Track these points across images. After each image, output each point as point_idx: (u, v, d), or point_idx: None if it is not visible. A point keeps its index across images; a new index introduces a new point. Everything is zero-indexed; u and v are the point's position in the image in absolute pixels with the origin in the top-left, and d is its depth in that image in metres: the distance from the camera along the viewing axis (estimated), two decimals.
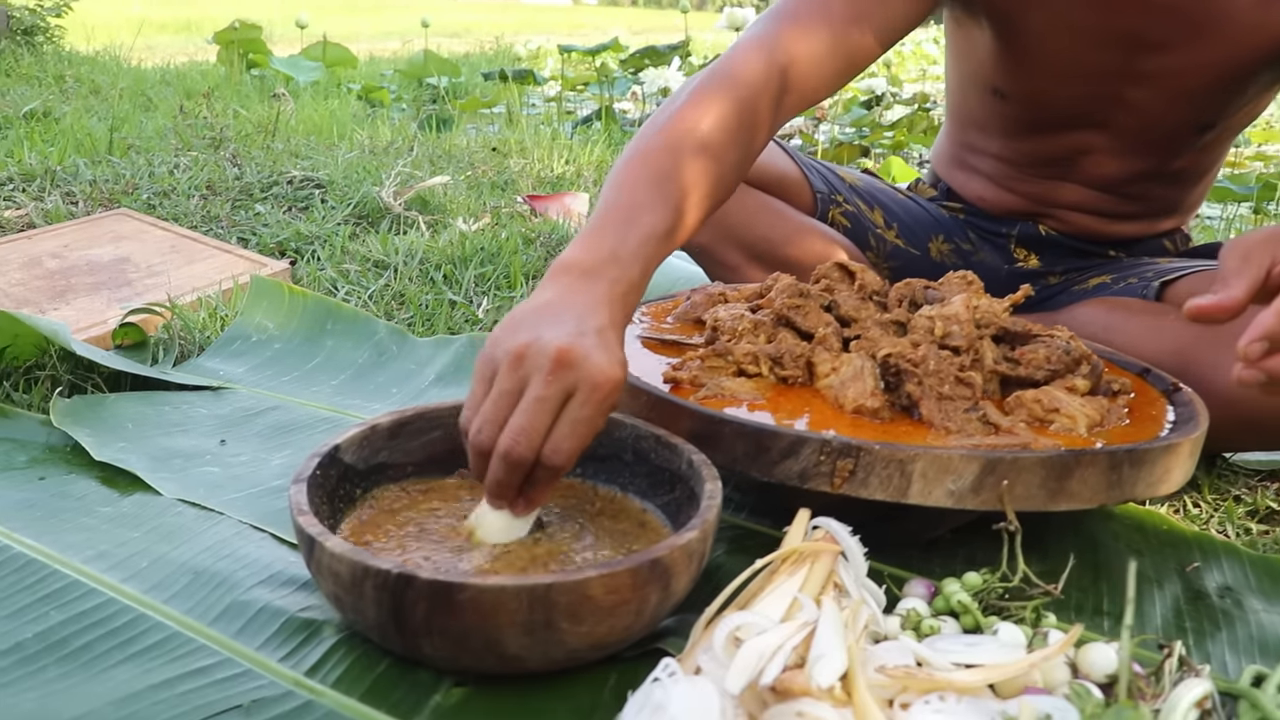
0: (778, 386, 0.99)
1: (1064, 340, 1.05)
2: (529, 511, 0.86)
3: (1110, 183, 1.42)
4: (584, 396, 0.81)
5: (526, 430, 0.80)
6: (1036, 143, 1.42)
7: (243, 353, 1.45)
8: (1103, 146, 1.38)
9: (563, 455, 0.81)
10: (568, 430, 0.81)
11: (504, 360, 0.82)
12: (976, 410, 0.94)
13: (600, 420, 0.83)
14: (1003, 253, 1.54)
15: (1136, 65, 1.27)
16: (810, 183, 1.51)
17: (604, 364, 0.82)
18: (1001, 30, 1.32)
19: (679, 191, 0.99)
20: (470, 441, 0.83)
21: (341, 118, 4.09)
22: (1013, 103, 1.38)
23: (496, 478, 0.82)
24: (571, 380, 0.81)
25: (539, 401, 0.80)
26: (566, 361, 0.81)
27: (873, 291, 1.11)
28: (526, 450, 0.80)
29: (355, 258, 1.98)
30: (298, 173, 2.52)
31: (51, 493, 1.03)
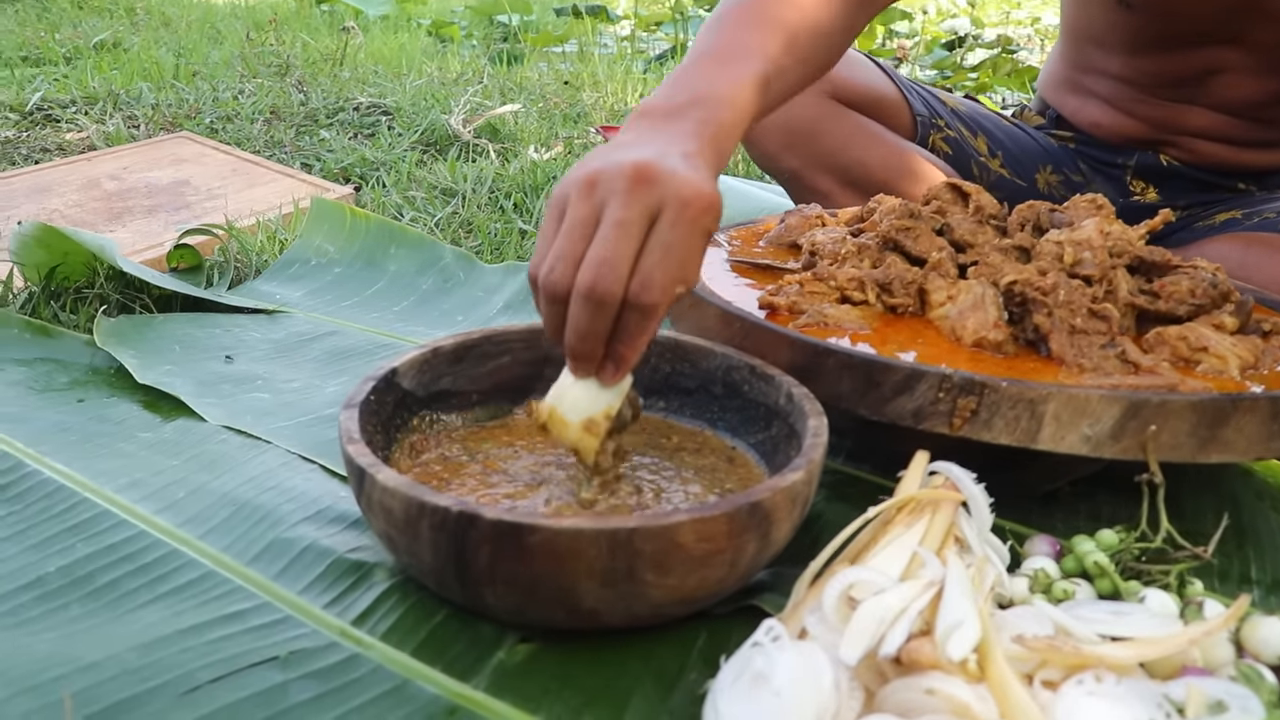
0: (885, 316, 0.88)
1: (1209, 272, 0.93)
2: (619, 376, 0.72)
3: (1243, 106, 1.28)
4: (673, 215, 0.68)
5: (609, 259, 0.67)
6: (1163, 60, 1.28)
7: (301, 276, 1.37)
8: (1237, 64, 1.24)
9: (655, 289, 0.68)
10: (658, 256, 0.68)
11: (574, 190, 0.70)
12: (1114, 346, 0.83)
13: (695, 245, 0.69)
14: (1117, 185, 1.41)
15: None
16: (910, 105, 1.38)
17: (693, 178, 0.69)
18: None
19: (780, 41, 0.86)
20: (541, 285, 0.69)
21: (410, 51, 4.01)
22: (1139, 13, 1.25)
23: (579, 327, 0.68)
24: (655, 197, 0.68)
25: (619, 225, 0.67)
26: (646, 177, 0.68)
27: (990, 214, 0.99)
28: (612, 283, 0.67)
29: (422, 184, 1.89)
30: (365, 99, 2.43)
31: (89, 416, 0.96)
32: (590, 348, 0.70)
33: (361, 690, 0.61)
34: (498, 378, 0.86)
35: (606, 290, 0.67)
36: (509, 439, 0.83)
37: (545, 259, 0.70)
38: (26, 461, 0.86)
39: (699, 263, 0.70)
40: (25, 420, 0.94)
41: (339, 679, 0.62)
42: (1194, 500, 0.92)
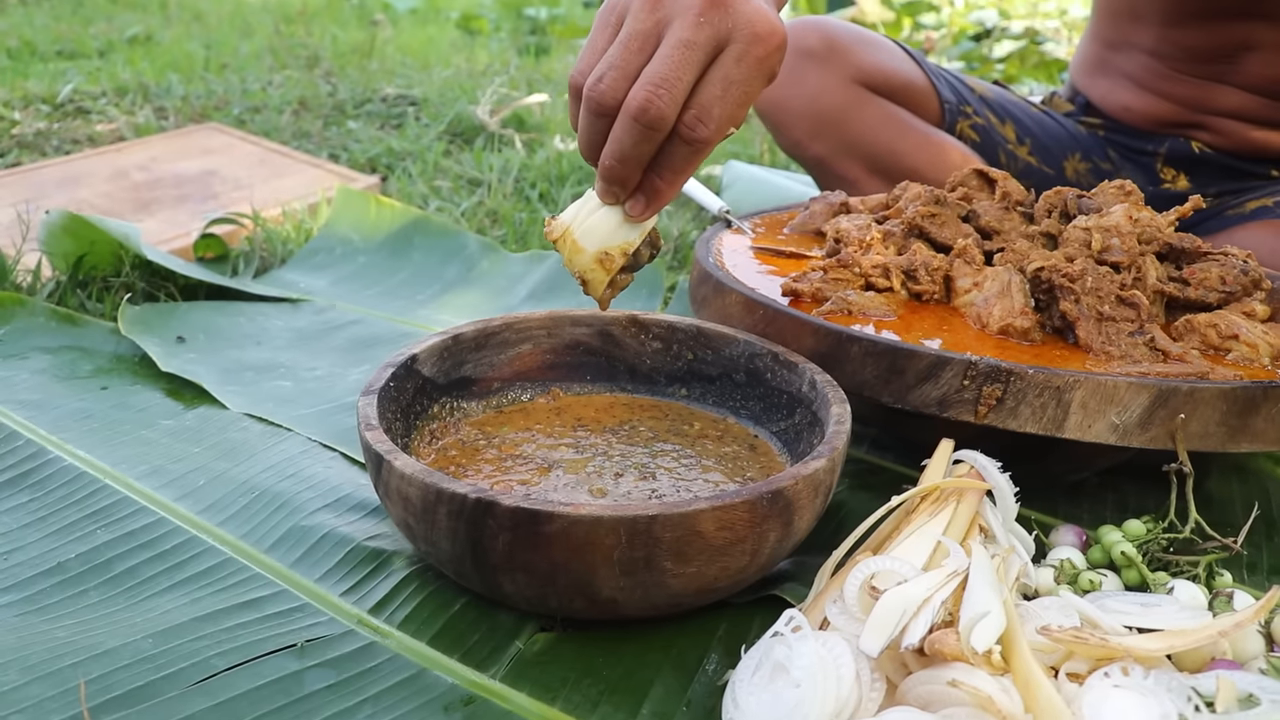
0: (910, 303, 0.87)
1: (1240, 259, 0.91)
2: (648, 213, 0.68)
3: (1276, 86, 1.26)
4: (741, 48, 0.63)
5: (668, 80, 0.62)
6: (1197, 33, 1.26)
7: (326, 265, 1.37)
8: (1272, 41, 1.22)
9: (710, 125, 0.63)
10: (719, 91, 0.63)
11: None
12: (1143, 334, 0.81)
13: (756, 87, 0.65)
14: (1147, 173, 1.39)
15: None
16: (938, 91, 1.37)
17: (766, 10, 0.64)
18: None
19: None
20: (588, 94, 0.64)
21: (439, 44, 4.02)
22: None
23: (620, 148, 0.64)
24: (727, 26, 0.63)
25: (686, 46, 0.62)
26: (721, 1, 0.63)
27: (1016, 201, 0.98)
28: (667, 106, 0.62)
29: (448, 174, 1.89)
30: (392, 90, 2.43)
31: (112, 403, 0.96)
32: (627, 173, 0.66)
33: (378, 679, 0.61)
34: (518, 365, 0.85)
35: (659, 114, 0.62)
36: (526, 423, 0.82)
37: (594, 67, 0.65)
38: (48, 448, 0.86)
39: (755, 97, 0.66)
40: (48, 407, 0.94)
41: (356, 667, 0.62)
42: (1222, 491, 0.91)
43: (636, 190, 0.67)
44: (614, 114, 0.64)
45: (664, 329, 0.85)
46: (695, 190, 1.19)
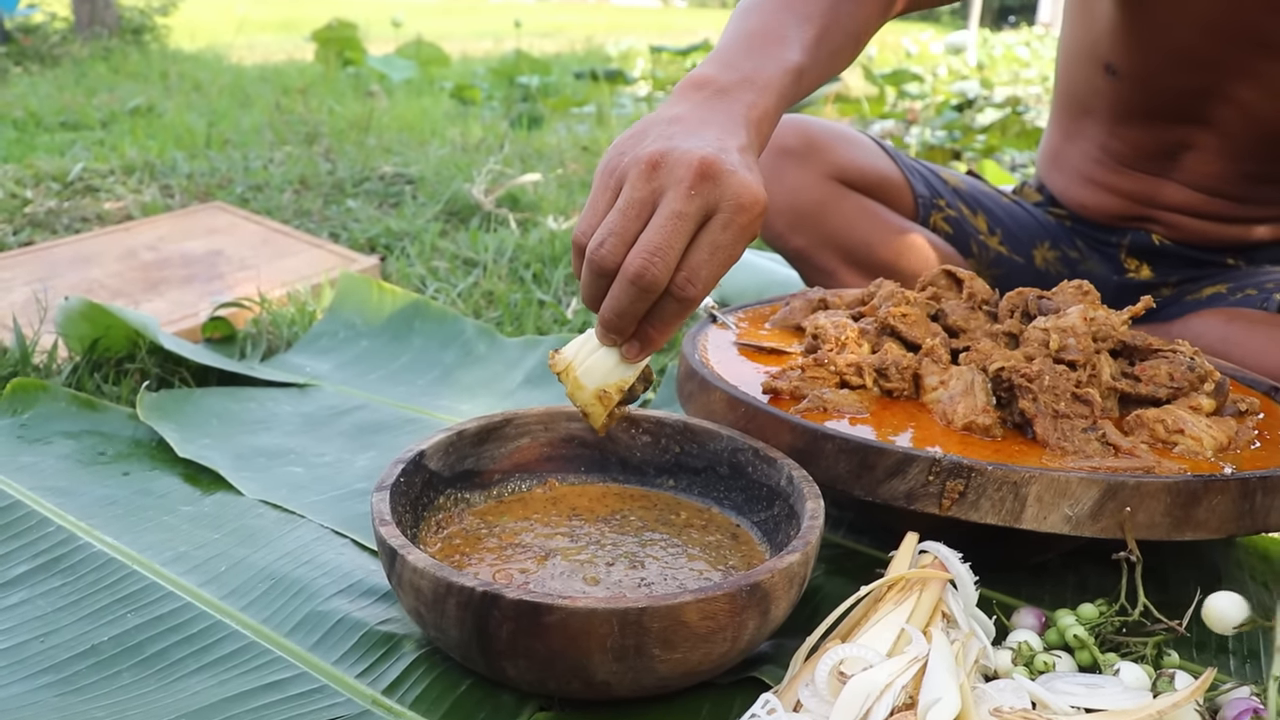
0: (882, 400, 0.94)
1: (1187, 356, 0.98)
2: (642, 356, 0.77)
3: (1216, 183, 1.35)
4: (727, 217, 0.72)
5: (661, 249, 0.70)
6: (1143, 130, 1.35)
7: (330, 349, 1.44)
8: (1208, 144, 1.31)
9: (699, 285, 0.72)
10: (706, 255, 0.72)
11: (634, 168, 0.73)
12: (1095, 430, 0.88)
13: (740, 249, 0.73)
14: (1112, 263, 1.47)
15: (1253, 64, 1.21)
16: (912, 186, 1.45)
17: (751, 182, 0.73)
18: (1125, 2, 1.26)
19: (814, 34, 0.92)
20: (590, 257, 0.73)
21: (434, 115, 4.11)
22: (1124, 82, 1.32)
23: (618, 305, 0.72)
24: (715, 197, 0.72)
25: (677, 217, 0.71)
26: (710, 174, 0.71)
27: (982, 300, 1.05)
28: (661, 272, 0.70)
29: (445, 255, 1.97)
30: (390, 169, 2.52)
31: (134, 489, 1.02)
32: (624, 325, 0.74)
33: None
34: (517, 458, 0.92)
35: (654, 279, 0.71)
36: (525, 513, 0.89)
37: (596, 230, 0.73)
38: (79, 535, 0.92)
39: (739, 257, 0.75)
40: (75, 494, 1.00)
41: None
42: (1176, 572, 0.97)
43: (632, 336, 0.76)
44: (613, 275, 0.72)
45: (653, 424, 0.92)
46: None
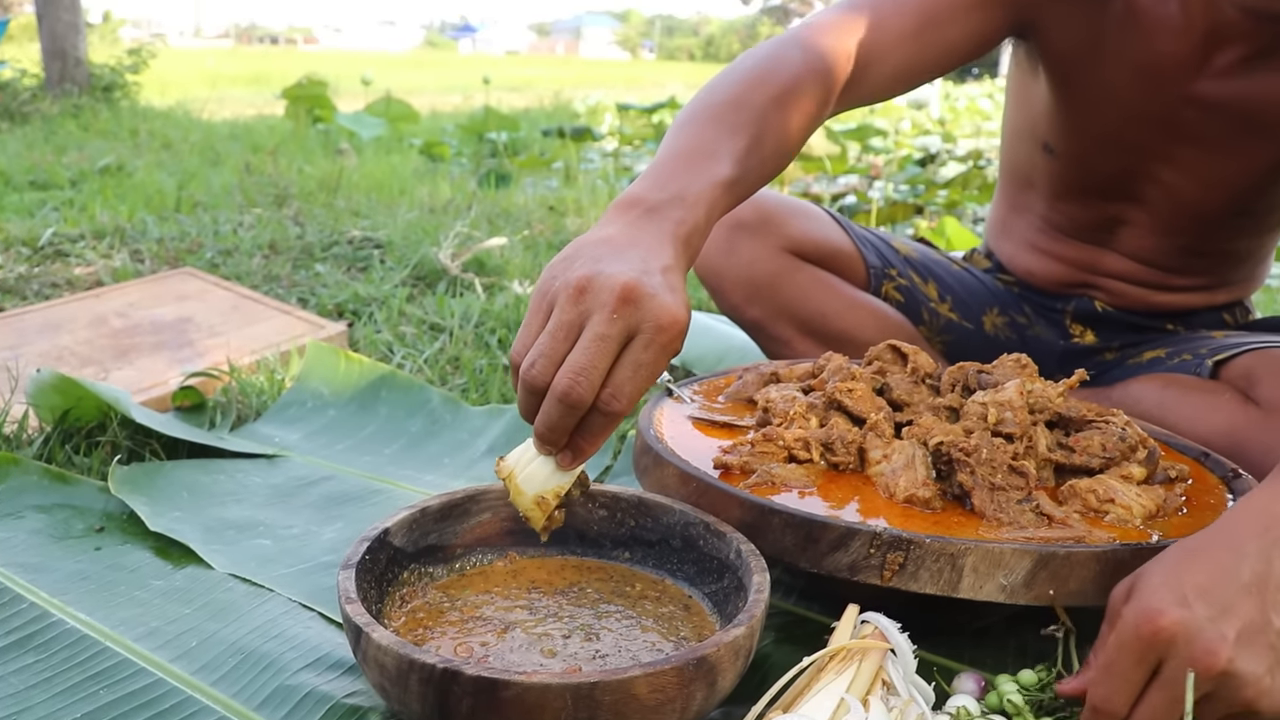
0: (829, 473, 0.98)
1: (1119, 426, 1.03)
2: (575, 464, 0.82)
3: (1150, 255, 1.42)
4: (648, 337, 0.78)
5: (586, 370, 0.76)
6: (1080, 206, 1.42)
7: (298, 419, 1.47)
8: (1140, 220, 1.38)
9: (623, 400, 0.78)
10: (629, 373, 0.78)
11: (563, 292, 0.78)
12: (1030, 501, 0.93)
13: (662, 365, 0.79)
14: (1058, 328, 1.53)
15: (1171, 150, 1.29)
16: (864, 256, 1.50)
17: (670, 304, 0.78)
18: (1057, 88, 1.33)
19: (745, 145, 0.97)
20: (522, 377, 0.79)
21: (402, 173, 4.16)
22: (1060, 161, 1.39)
23: (549, 420, 0.78)
24: (636, 319, 0.77)
25: (600, 340, 0.77)
26: (631, 298, 0.77)
27: (925, 374, 1.10)
28: (586, 391, 0.76)
29: (412, 320, 2.01)
30: (358, 233, 2.56)
31: (106, 564, 1.05)
32: (556, 437, 0.80)
33: None
34: (479, 532, 0.95)
35: (580, 397, 0.77)
36: (486, 586, 0.92)
37: (528, 351, 0.79)
38: (51, 611, 0.94)
39: (661, 372, 0.80)
40: (47, 569, 1.02)
41: None
42: None
43: (565, 447, 0.81)
44: (544, 393, 0.78)
45: (609, 499, 0.96)
46: None
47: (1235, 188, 1.29)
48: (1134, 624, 0.73)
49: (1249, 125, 1.23)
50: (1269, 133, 1.22)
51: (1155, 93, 1.25)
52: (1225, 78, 1.21)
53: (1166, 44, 1.22)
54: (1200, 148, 1.27)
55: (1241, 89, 1.21)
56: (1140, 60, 1.24)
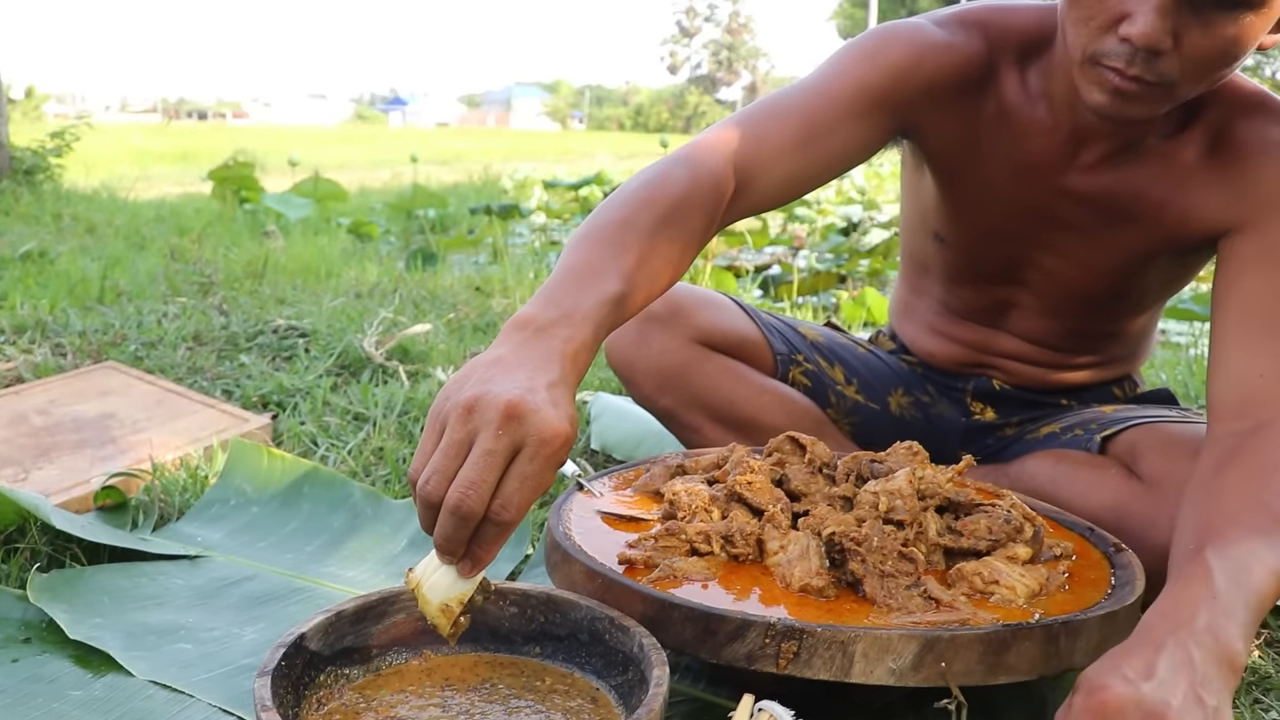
0: (729, 564, 1.03)
1: (1005, 509, 1.09)
2: (474, 572, 0.87)
3: (1040, 336, 1.50)
4: (532, 450, 0.83)
5: (475, 484, 0.81)
6: (972, 291, 1.51)
7: (221, 517, 1.49)
8: (1029, 304, 1.47)
9: (512, 510, 0.83)
10: (516, 485, 0.83)
11: (453, 412, 0.84)
12: (918, 586, 0.98)
13: (549, 476, 0.85)
14: (960, 405, 1.60)
15: (1052, 239, 1.38)
16: (771, 344, 1.56)
17: (553, 418, 0.84)
18: (942, 184, 1.42)
19: (633, 262, 1.03)
20: (418, 493, 0.84)
21: (330, 255, 4.18)
22: (951, 249, 1.48)
23: (445, 532, 0.83)
24: (520, 434, 0.82)
25: (487, 455, 0.82)
26: (515, 415, 0.82)
27: (822, 464, 1.16)
28: (475, 504, 0.81)
29: (336, 410, 2.03)
30: (283, 321, 2.58)
31: (23, 676, 1.06)
32: (454, 548, 0.85)
33: None
34: (394, 632, 0.98)
35: (470, 509, 0.82)
36: (401, 685, 0.95)
37: (424, 469, 0.85)
38: None
39: (549, 483, 0.86)
40: None
41: None
42: (1006, 706, 1.07)
43: (464, 556, 0.86)
44: (439, 507, 0.83)
45: (519, 596, 0.99)
46: None
47: (1113, 273, 1.38)
48: (1085, 706, 0.80)
49: (1116, 214, 1.32)
50: (1134, 221, 1.31)
51: (1030, 187, 1.34)
52: (1092, 172, 1.30)
53: (1037, 143, 1.31)
54: (1076, 236, 1.36)
55: (1107, 182, 1.30)
56: (1015, 158, 1.33)
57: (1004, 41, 1.31)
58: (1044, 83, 1.29)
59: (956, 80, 1.30)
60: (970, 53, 1.30)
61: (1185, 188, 1.27)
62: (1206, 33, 1.05)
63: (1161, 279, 1.41)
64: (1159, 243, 1.32)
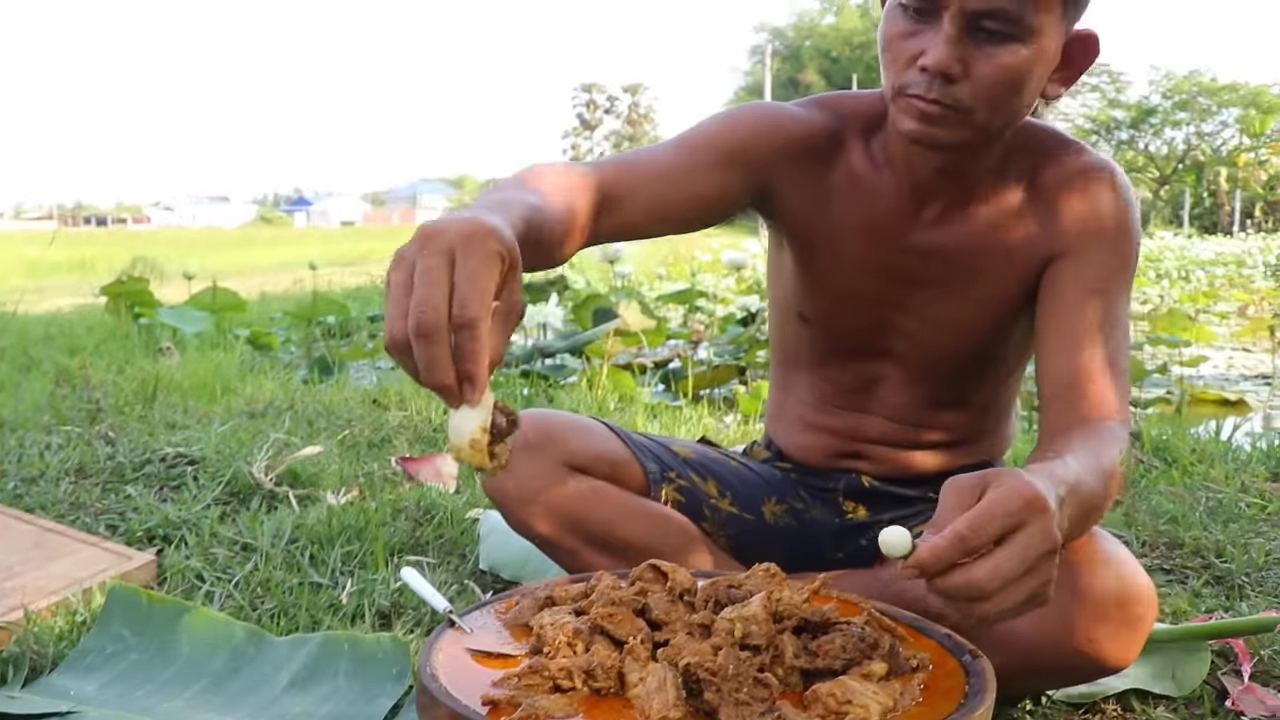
0: (592, 699, 1.05)
1: (859, 627, 1.14)
2: (477, 393, 0.90)
3: (905, 413, 1.58)
4: (463, 250, 0.87)
5: (425, 299, 0.85)
6: (839, 370, 1.59)
7: (97, 666, 1.47)
8: (894, 375, 1.56)
9: (471, 305, 0.86)
10: (465, 282, 0.86)
11: (392, 271, 0.89)
12: (773, 711, 1.02)
13: (491, 266, 0.88)
14: (832, 507, 1.66)
15: (905, 298, 1.48)
16: (642, 464, 1.60)
17: (466, 219, 0.89)
18: (799, 254, 1.52)
19: (540, 198, 1.13)
20: (388, 348, 0.88)
21: (226, 371, 4.15)
22: (815, 328, 1.57)
23: (424, 361, 0.86)
24: (445, 242, 0.87)
25: (425, 272, 0.86)
26: (432, 232, 0.88)
27: (683, 591, 1.19)
28: (433, 315, 0.85)
29: (223, 541, 2.02)
30: (171, 449, 2.56)
31: None
32: (440, 375, 0.87)
33: None
34: None
35: (430, 322, 0.85)
36: None
37: (390, 331, 0.89)
38: None
39: (495, 272, 0.90)
40: None
41: None
42: None
43: (458, 380, 0.89)
44: (409, 347, 0.87)
45: None
46: (423, 590, 1.35)
47: (970, 330, 1.49)
48: (1015, 488, 0.95)
49: (958, 267, 1.45)
50: (980, 272, 1.44)
51: (881, 248, 1.46)
52: (935, 227, 1.44)
53: (883, 205, 1.44)
54: (930, 293, 1.47)
55: (948, 235, 1.44)
56: (864, 222, 1.45)
57: (851, 117, 1.47)
58: (885, 151, 1.44)
59: (808, 146, 1.45)
60: (820, 125, 1.46)
61: (1015, 232, 1.42)
62: (989, 61, 1.25)
63: (1019, 336, 1.51)
64: (1005, 292, 1.45)
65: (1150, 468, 2.87)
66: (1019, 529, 0.95)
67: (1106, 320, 1.36)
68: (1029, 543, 0.95)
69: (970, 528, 0.94)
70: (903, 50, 1.28)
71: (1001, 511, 0.95)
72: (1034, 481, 0.97)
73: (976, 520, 0.95)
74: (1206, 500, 2.46)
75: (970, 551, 0.95)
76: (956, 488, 1.00)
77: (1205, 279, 12.32)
